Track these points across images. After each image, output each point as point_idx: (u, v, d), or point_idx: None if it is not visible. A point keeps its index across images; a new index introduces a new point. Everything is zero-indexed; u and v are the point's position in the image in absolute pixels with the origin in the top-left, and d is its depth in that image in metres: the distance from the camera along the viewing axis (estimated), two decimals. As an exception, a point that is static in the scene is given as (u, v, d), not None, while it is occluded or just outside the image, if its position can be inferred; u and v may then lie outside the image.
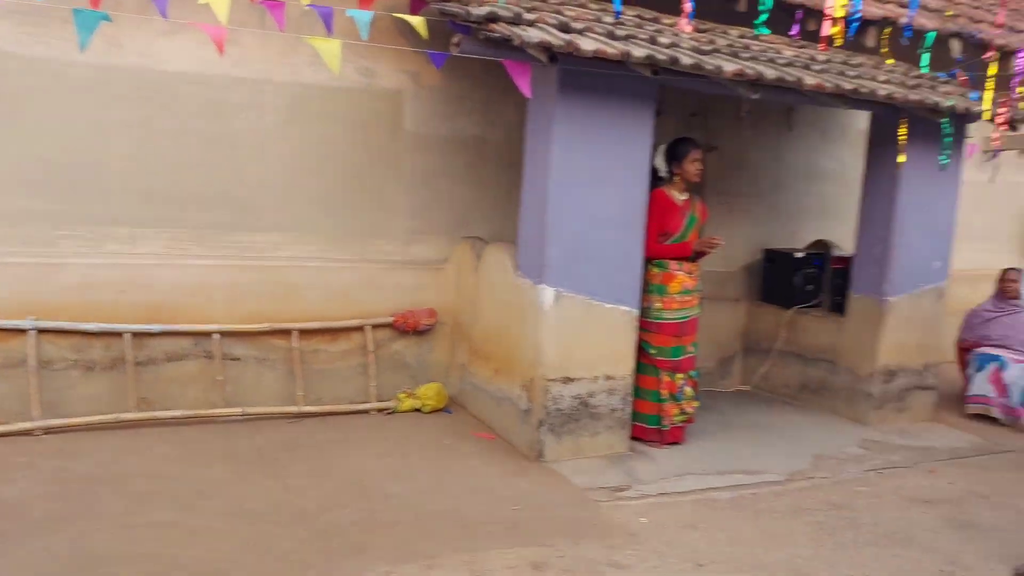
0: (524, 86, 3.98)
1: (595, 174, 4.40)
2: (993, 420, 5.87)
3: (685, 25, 3.81)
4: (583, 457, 4.60)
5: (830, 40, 3.65)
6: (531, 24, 3.99)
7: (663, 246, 4.87)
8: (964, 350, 6.31)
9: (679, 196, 4.95)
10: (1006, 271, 6.22)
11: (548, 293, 4.39)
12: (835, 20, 3.53)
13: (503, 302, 4.82)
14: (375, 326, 5.23)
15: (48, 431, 4.31)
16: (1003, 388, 5.82)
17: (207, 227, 4.86)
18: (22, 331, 4.31)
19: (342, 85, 5.10)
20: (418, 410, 5.22)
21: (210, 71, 4.76)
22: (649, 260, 4.82)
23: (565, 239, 4.38)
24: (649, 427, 4.92)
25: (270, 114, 4.97)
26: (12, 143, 4.37)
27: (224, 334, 4.80)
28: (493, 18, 3.87)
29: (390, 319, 5.27)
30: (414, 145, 5.39)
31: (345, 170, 5.20)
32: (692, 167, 4.90)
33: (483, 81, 5.44)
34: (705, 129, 6.34)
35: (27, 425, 4.24)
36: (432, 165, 5.46)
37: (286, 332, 4.98)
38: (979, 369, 5.98)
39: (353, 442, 4.66)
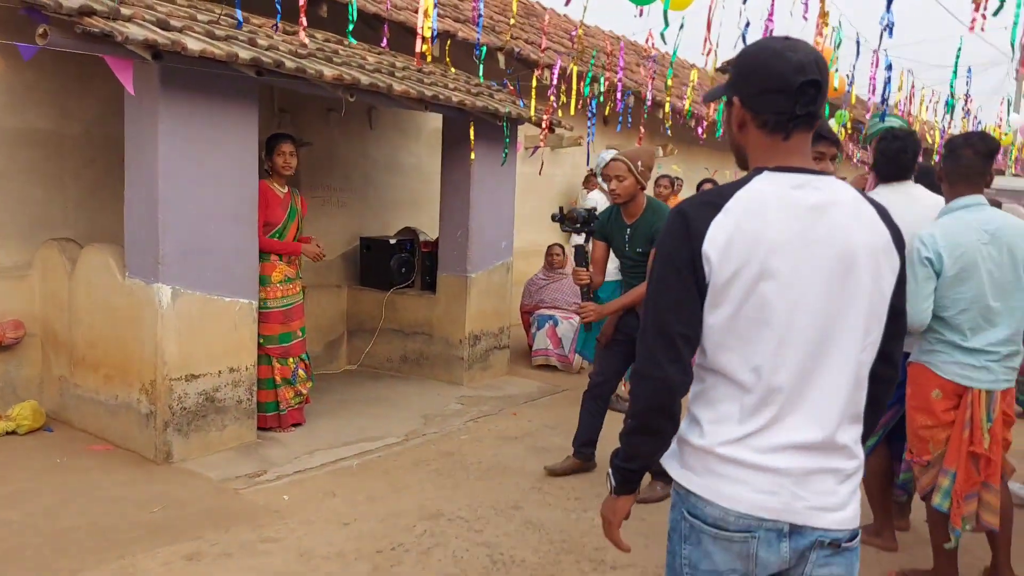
0: (127, 83, 3.89)
1: (205, 170, 4.45)
2: (553, 368, 7.23)
3: (303, 36, 4.08)
4: (214, 452, 4.65)
5: (423, 55, 4.24)
6: (129, 20, 3.90)
7: (274, 242, 5.08)
8: (526, 313, 7.61)
9: (280, 189, 5.18)
10: (551, 246, 7.65)
11: (165, 292, 4.34)
12: (424, 38, 4.11)
13: (111, 306, 4.60)
14: (-53, 346, 4.58)
15: None
16: (557, 341, 7.20)
17: None
18: None
19: None
20: (13, 432, 4.70)
21: None
22: None
23: (179, 236, 4.37)
24: (269, 414, 5.11)
25: None
26: None
27: None
28: (88, 12, 3.71)
29: (-34, 336, 4.65)
30: (-21, 140, 4.79)
31: None
32: (280, 160, 5.09)
33: (54, 71, 5.03)
34: (294, 125, 6.63)
35: None
36: (3, 163, 4.91)
37: None
38: (539, 327, 7.30)
39: (-63, 479, 4.08)
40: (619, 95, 6.91)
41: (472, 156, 6.14)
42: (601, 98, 7.18)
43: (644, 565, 3.50)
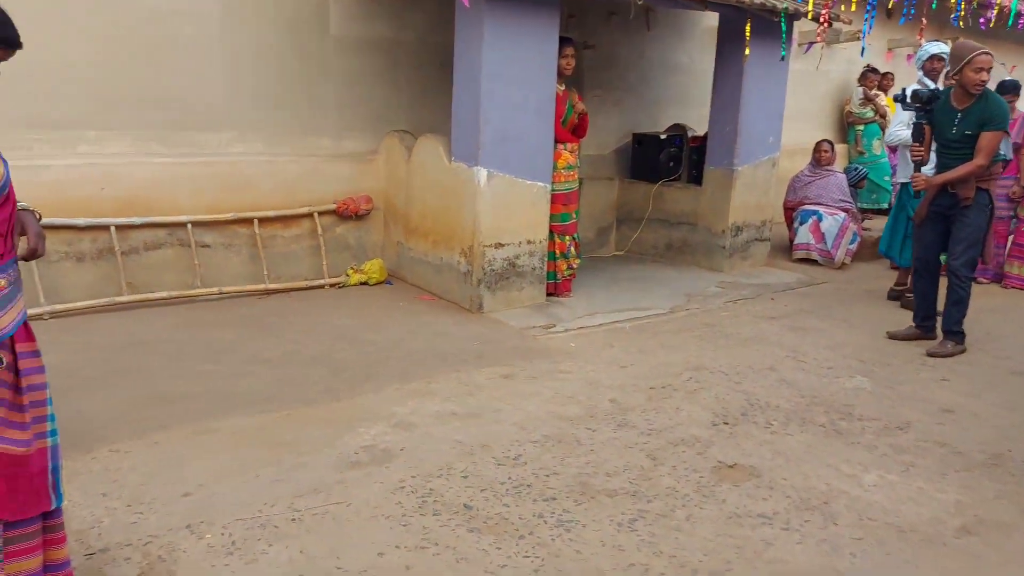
0: (464, -1, 4.77)
1: (516, 71, 5.29)
2: (813, 262, 7.49)
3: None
4: (513, 307, 5.67)
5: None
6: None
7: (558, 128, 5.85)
8: (789, 209, 7.86)
9: (558, 87, 5.89)
10: (820, 142, 7.75)
11: (482, 174, 5.32)
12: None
13: (439, 185, 5.70)
14: (321, 213, 5.96)
15: (54, 315, 4.83)
16: (820, 236, 7.42)
17: (165, 127, 5.34)
18: (19, 228, 4.73)
19: (272, -8, 5.61)
20: (365, 283, 6.06)
21: (154, -22, 5.15)
22: None
23: (494, 127, 5.28)
24: (548, 282, 6.03)
25: (212, 20, 5.42)
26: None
27: (195, 224, 5.40)
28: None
29: (333, 206, 6.01)
30: (338, 47, 6.01)
31: (280, 71, 5.77)
32: (563, 61, 5.73)
33: (396, -13, 6.09)
34: (581, 29, 7.31)
35: (36, 311, 4.73)
36: (355, 66, 6.12)
37: (248, 220, 5.63)
38: (802, 223, 7.55)
39: (323, 309, 5.48)
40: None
41: (747, 52, 6.43)
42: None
43: (888, 419, 3.95)
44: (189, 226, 5.36)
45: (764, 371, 4.63)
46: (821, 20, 6.18)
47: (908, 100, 5.13)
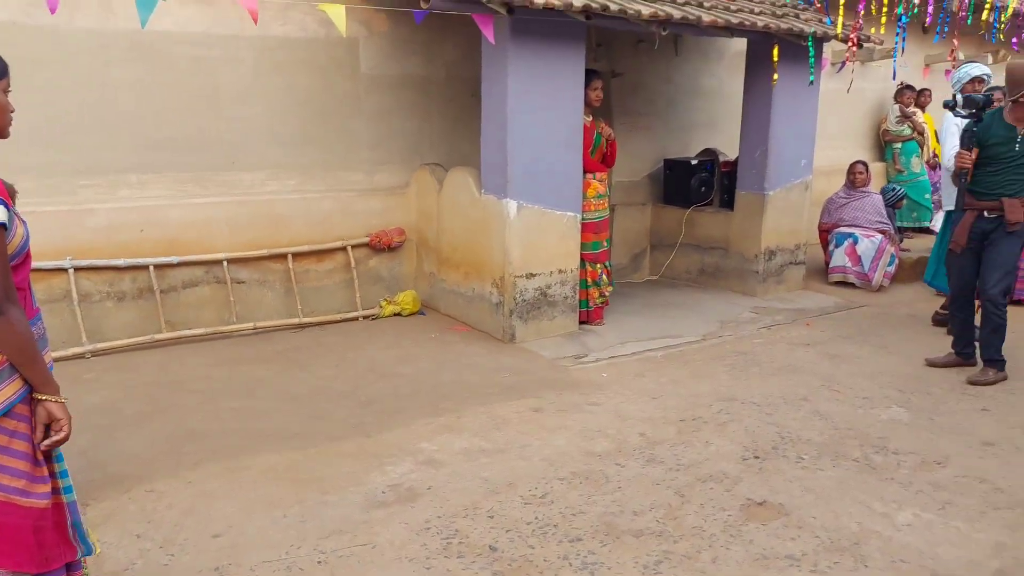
0: (489, 34, 4.84)
1: (543, 104, 5.34)
2: (850, 285, 7.37)
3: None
4: (545, 337, 5.68)
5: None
6: (487, -18, 4.82)
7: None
8: (824, 231, 7.76)
9: (586, 118, 5.92)
10: (854, 164, 7.65)
11: (512, 205, 5.36)
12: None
13: (469, 217, 5.76)
14: (354, 246, 6.06)
15: (95, 353, 4.98)
16: (857, 259, 7.31)
17: (203, 169, 5.50)
18: (63, 270, 4.91)
19: (305, 36, 5.76)
20: (398, 314, 6.14)
21: (192, 29, 5.33)
22: None
23: (523, 160, 5.33)
24: (580, 310, 6.03)
25: (246, 65, 5.58)
26: (28, 104, 4.83)
27: (230, 261, 5.53)
28: (460, -21, 4.68)
29: (366, 239, 6.11)
30: (369, 86, 6.14)
31: (313, 111, 5.91)
32: (593, 94, 5.80)
33: (425, 25, 6.16)
34: (609, 58, 7.35)
35: (79, 349, 4.89)
36: (386, 103, 6.23)
37: (282, 256, 5.75)
38: (837, 245, 7.45)
39: (355, 342, 5.56)
40: None
41: (775, 77, 6.40)
42: (915, 10, 6.94)
43: (925, 453, 3.86)
44: (225, 263, 5.49)
45: (797, 402, 4.57)
46: (850, 42, 6.12)
47: (961, 105, 4.95)
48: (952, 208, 5.89)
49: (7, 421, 1.97)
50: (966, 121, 4.93)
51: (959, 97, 4.96)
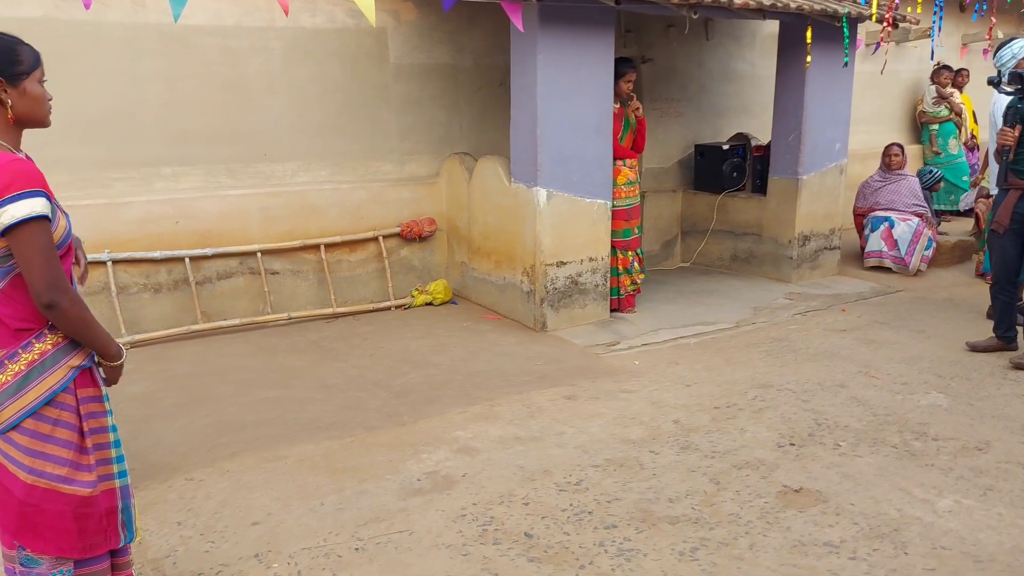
0: (517, 21, 4.81)
1: (572, 91, 5.31)
2: (886, 270, 7.25)
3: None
4: (577, 325, 5.66)
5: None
6: (516, -32, 4.79)
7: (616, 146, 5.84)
8: (860, 215, 7.63)
9: (614, 105, 5.86)
10: (889, 146, 7.51)
11: (542, 194, 5.34)
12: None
13: (499, 206, 5.75)
14: (386, 236, 6.09)
15: (134, 345, 5.06)
16: (893, 243, 7.19)
17: (235, 160, 5.56)
18: (101, 263, 4.99)
19: (334, 26, 5.78)
20: (430, 303, 6.16)
21: (222, 22, 5.37)
22: None
23: (552, 147, 5.31)
24: (612, 298, 6.00)
25: (276, 56, 5.62)
26: (62, 98, 4.90)
27: (264, 252, 5.58)
28: (489, -33, 4.65)
29: (398, 229, 6.13)
30: (398, 75, 6.14)
31: (343, 101, 5.93)
32: (626, 87, 5.76)
33: (452, 14, 6.18)
34: (639, 44, 7.28)
35: (118, 341, 4.96)
36: (414, 92, 6.24)
37: (315, 247, 5.79)
38: (873, 229, 7.32)
39: (388, 331, 5.59)
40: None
41: (808, 59, 6.30)
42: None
43: (966, 439, 3.80)
44: (259, 254, 5.55)
45: (834, 388, 4.51)
46: (885, 22, 6.00)
47: (1006, 82, 4.80)
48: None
49: (50, 410, 2.01)
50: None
51: (1004, 74, 4.83)
